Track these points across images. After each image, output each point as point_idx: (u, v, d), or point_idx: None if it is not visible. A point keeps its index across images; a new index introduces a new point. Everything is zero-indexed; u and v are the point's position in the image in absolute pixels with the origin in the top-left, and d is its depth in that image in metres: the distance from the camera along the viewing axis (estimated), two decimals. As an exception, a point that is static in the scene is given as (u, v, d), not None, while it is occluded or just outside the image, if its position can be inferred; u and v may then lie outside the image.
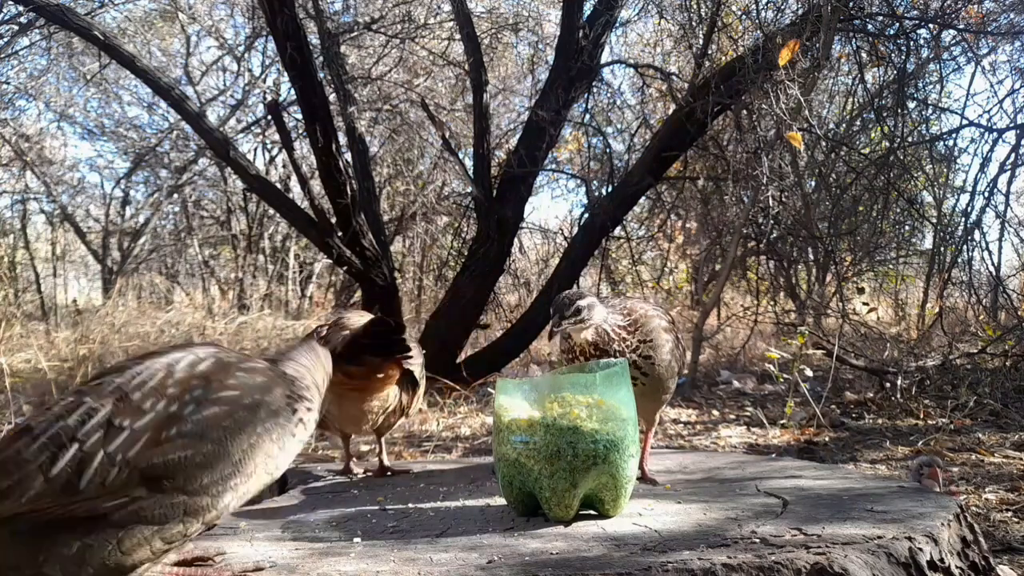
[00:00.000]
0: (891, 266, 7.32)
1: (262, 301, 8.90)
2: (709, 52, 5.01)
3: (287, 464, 1.34)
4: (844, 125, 5.59)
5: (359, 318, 2.00)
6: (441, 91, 7.11)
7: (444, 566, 1.32)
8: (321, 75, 4.99)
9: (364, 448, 3.47)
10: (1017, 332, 4.65)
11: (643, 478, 1.91)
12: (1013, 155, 4.73)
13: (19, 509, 1.10)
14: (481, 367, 5.18)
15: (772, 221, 5.23)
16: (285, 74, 6.35)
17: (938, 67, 5.03)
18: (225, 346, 1.37)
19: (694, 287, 8.25)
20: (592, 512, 1.62)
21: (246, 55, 9.36)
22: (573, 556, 1.35)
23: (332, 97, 5.20)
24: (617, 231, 5.91)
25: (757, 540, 1.39)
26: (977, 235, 4.83)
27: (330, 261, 5.93)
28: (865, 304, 6.66)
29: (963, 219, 4.95)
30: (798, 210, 5.15)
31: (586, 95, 5.63)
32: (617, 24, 5.65)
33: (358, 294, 7.51)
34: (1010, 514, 2.37)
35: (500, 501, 1.76)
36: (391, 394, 2.03)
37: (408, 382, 2.07)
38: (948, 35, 4.95)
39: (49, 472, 1.11)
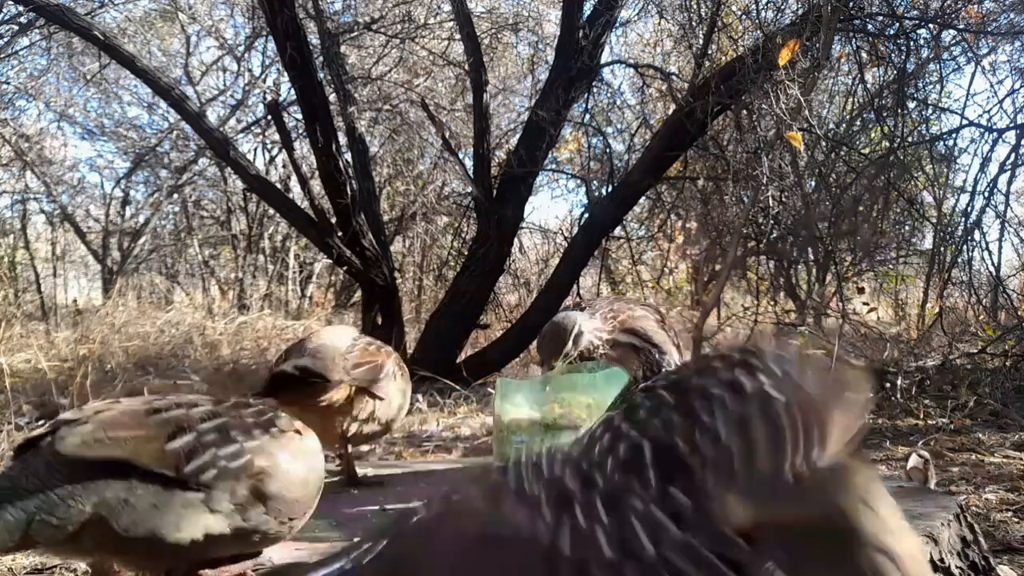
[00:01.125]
0: (891, 266, 7.31)
1: (262, 301, 8.89)
2: (709, 52, 5.01)
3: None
4: (844, 125, 5.59)
5: (329, 335, 1.96)
6: (441, 91, 7.11)
7: (444, 566, 1.31)
8: (321, 75, 4.99)
9: (364, 448, 3.47)
10: (1017, 332, 4.64)
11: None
12: (1013, 155, 4.72)
13: (118, 456, 1.20)
14: (481, 367, 5.18)
15: (772, 221, 5.23)
16: (285, 74, 6.34)
17: (938, 67, 5.03)
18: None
19: (694, 287, 8.25)
20: (592, 512, 1.61)
21: (246, 55, 9.36)
22: (573, 556, 1.35)
23: (332, 97, 5.20)
24: (617, 231, 5.90)
25: (757, 540, 1.39)
26: (977, 235, 4.83)
27: (330, 261, 5.94)
28: (865, 304, 6.66)
29: (963, 219, 4.95)
30: (798, 210, 5.15)
31: (586, 95, 5.64)
32: (617, 24, 5.66)
33: (358, 294, 7.51)
34: (1010, 514, 2.37)
35: (500, 501, 1.75)
36: (356, 407, 1.94)
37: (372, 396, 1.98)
38: (948, 35, 4.95)
39: (166, 444, 1.23)
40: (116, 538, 1.19)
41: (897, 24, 4.67)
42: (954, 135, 5.21)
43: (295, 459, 1.37)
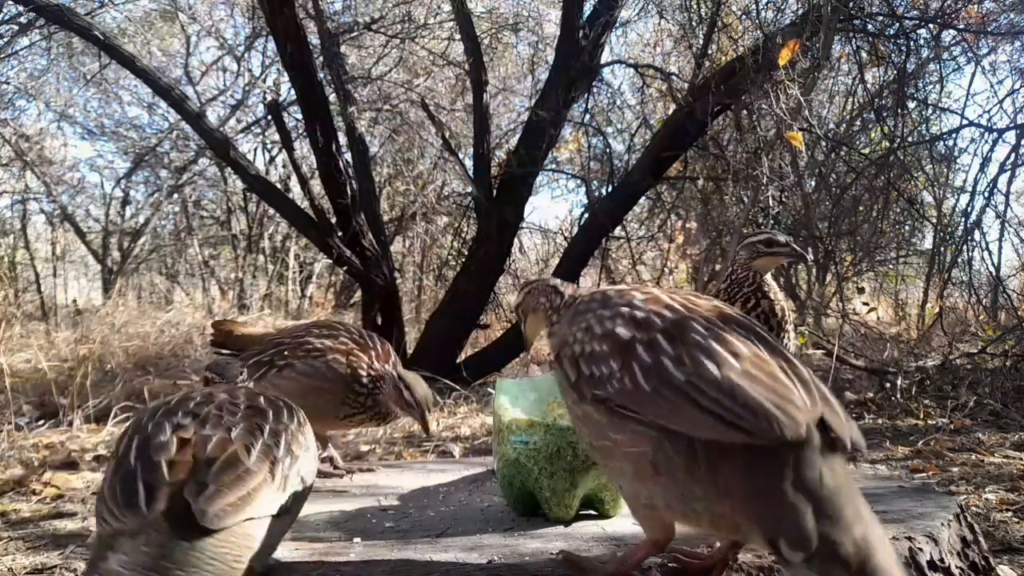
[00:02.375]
0: (891, 266, 7.31)
1: (262, 301, 8.89)
2: (709, 52, 5.02)
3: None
4: (844, 125, 5.59)
5: None
6: (441, 91, 7.11)
7: (444, 566, 1.32)
8: (321, 75, 4.99)
9: (364, 448, 3.47)
10: (1017, 332, 4.64)
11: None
12: (1013, 155, 4.73)
13: None
14: (481, 367, 5.18)
15: (772, 221, 5.23)
16: (285, 74, 6.35)
17: (938, 67, 5.03)
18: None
19: (694, 287, 8.25)
20: (592, 512, 1.62)
21: (246, 55, 9.37)
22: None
23: (332, 97, 5.20)
24: (617, 231, 5.90)
25: (757, 540, 1.39)
26: (977, 235, 4.83)
27: (330, 261, 5.94)
28: (865, 304, 6.66)
29: (963, 219, 4.95)
30: (798, 210, 5.15)
31: (586, 95, 5.64)
32: (617, 24, 5.66)
33: (358, 294, 7.51)
34: (1010, 514, 2.37)
35: (500, 501, 1.76)
36: None
37: None
38: (948, 35, 4.96)
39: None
40: None
41: (897, 24, 4.67)
42: (954, 135, 5.22)
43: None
